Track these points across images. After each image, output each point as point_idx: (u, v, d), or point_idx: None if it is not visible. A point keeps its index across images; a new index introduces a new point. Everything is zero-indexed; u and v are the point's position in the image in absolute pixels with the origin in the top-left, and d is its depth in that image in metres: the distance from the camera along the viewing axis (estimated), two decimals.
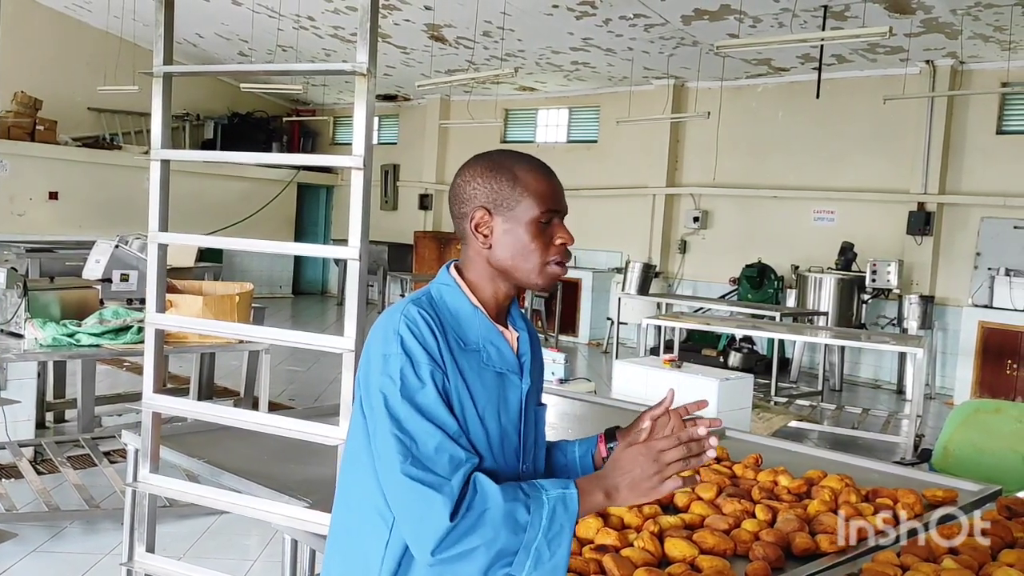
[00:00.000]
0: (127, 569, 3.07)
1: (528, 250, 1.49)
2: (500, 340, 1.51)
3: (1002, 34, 8.56)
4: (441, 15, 10.22)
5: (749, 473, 2.77)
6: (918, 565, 2.05)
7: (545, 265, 1.50)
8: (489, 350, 1.49)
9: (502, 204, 1.49)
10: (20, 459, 4.88)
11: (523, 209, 1.49)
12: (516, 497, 1.34)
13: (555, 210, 1.51)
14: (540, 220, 1.49)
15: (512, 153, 1.55)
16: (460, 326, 1.48)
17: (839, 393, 9.52)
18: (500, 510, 1.33)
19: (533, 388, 1.58)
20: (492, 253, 1.51)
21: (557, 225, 1.52)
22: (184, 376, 7.33)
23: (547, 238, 1.50)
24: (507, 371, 1.51)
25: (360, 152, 2.53)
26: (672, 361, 4.93)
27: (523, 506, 1.34)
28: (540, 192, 1.50)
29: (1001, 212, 9.48)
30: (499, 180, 1.50)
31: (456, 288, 1.52)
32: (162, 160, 2.84)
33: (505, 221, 1.50)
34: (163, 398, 2.95)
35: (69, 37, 13.47)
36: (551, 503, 1.34)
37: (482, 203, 1.50)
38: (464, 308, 1.50)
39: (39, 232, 11.67)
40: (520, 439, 1.52)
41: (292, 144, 16.33)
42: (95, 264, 5.80)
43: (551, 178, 1.53)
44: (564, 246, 1.52)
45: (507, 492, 1.35)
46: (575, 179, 12.75)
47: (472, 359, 1.47)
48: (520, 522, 1.33)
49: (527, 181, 1.50)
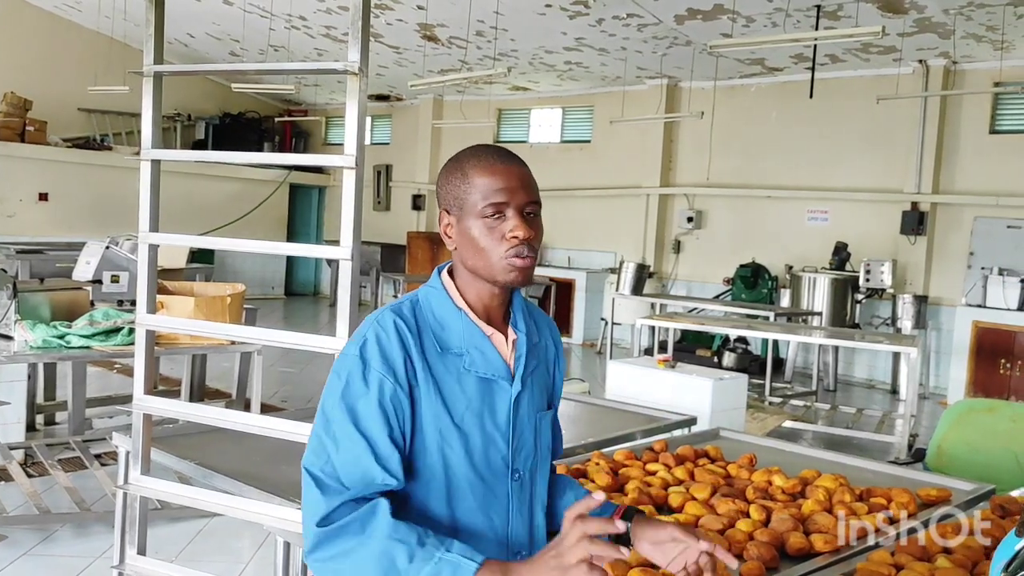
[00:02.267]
0: (118, 572, 3.05)
1: (479, 247, 1.43)
2: (485, 344, 1.46)
3: (995, 34, 8.58)
4: (434, 15, 10.20)
5: (743, 473, 2.76)
6: (912, 564, 2.04)
7: (501, 260, 1.42)
8: (472, 354, 1.44)
9: (455, 203, 1.45)
10: (10, 462, 4.85)
11: (471, 205, 1.43)
12: (405, 540, 1.27)
13: (501, 202, 1.41)
14: (485, 214, 1.41)
15: (475, 148, 1.48)
16: (443, 330, 1.45)
17: (833, 393, 9.53)
18: (379, 544, 1.27)
19: (529, 393, 1.51)
20: (460, 254, 1.47)
21: (509, 218, 1.42)
22: (175, 378, 7.30)
23: (499, 234, 1.42)
24: (494, 376, 1.45)
25: (352, 151, 2.51)
26: (666, 361, 4.92)
27: (407, 552, 1.25)
28: (484, 186, 1.42)
29: (994, 212, 9.50)
30: (453, 179, 1.46)
31: (441, 291, 1.49)
32: (152, 160, 2.82)
33: (460, 220, 1.45)
34: (154, 400, 2.93)
35: (59, 37, 13.40)
36: (439, 564, 1.24)
37: (445, 205, 1.48)
38: (447, 312, 1.46)
39: (29, 233, 11.62)
40: (509, 447, 1.46)
41: (284, 144, 16.28)
42: (85, 265, 5.77)
43: (500, 168, 1.43)
44: (516, 238, 1.41)
45: (398, 530, 1.28)
46: (568, 179, 12.75)
47: (452, 364, 1.43)
48: (396, 566, 1.25)
49: (473, 176, 1.43)
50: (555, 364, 1.63)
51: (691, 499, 2.46)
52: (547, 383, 1.59)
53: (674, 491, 2.53)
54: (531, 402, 1.51)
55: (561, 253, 13.09)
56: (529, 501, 1.51)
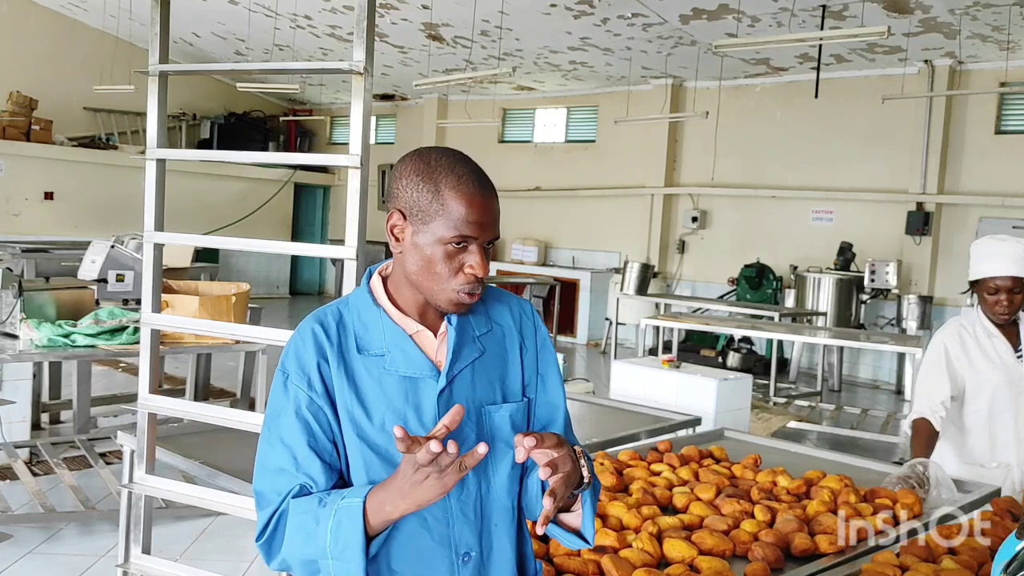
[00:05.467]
0: (123, 571, 3.05)
1: (431, 271, 1.39)
2: (406, 342, 1.43)
3: (1000, 34, 8.56)
4: (439, 14, 10.20)
5: (748, 474, 2.76)
6: (917, 565, 2.04)
7: (452, 291, 1.39)
8: (394, 353, 1.42)
9: (417, 214, 1.39)
10: (15, 460, 4.87)
11: (436, 226, 1.37)
12: (308, 509, 1.34)
13: (470, 236, 1.37)
14: (450, 243, 1.37)
15: (451, 160, 1.40)
16: (366, 331, 1.44)
17: (838, 393, 9.50)
18: (293, 525, 1.35)
19: (468, 387, 1.44)
20: (404, 260, 1.42)
21: (472, 252, 1.38)
22: (180, 377, 7.31)
23: (457, 264, 1.38)
24: (417, 374, 1.42)
25: (357, 151, 2.51)
26: (671, 361, 4.90)
27: (313, 518, 1.33)
28: (458, 214, 1.36)
29: (1000, 212, 9.48)
30: (421, 188, 1.38)
31: (364, 291, 1.48)
32: (158, 159, 2.83)
33: (416, 233, 1.39)
34: (159, 399, 2.94)
35: (65, 36, 13.43)
36: (337, 514, 1.31)
37: (401, 205, 1.41)
38: (370, 313, 1.45)
39: (35, 232, 11.63)
40: None
41: (289, 144, 16.30)
42: (91, 264, 5.77)
43: (477, 200, 1.37)
44: (474, 276, 1.38)
45: (300, 505, 1.35)
46: (573, 179, 12.75)
47: (373, 365, 1.42)
48: (310, 533, 1.33)
49: (448, 198, 1.37)
50: (522, 352, 1.53)
51: (696, 500, 2.45)
52: (503, 374, 1.50)
53: (678, 491, 2.53)
54: (470, 396, 1.44)
55: (565, 253, 13.08)
56: (478, 502, 1.45)
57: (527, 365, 1.54)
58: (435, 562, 1.42)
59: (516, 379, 1.52)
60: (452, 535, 1.43)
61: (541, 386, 1.56)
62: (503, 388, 1.50)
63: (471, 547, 1.44)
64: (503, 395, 1.49)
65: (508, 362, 1.52)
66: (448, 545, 1.43)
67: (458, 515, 1.43)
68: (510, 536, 1.50)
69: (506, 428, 1.48)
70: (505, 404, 1.49)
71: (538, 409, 1.56)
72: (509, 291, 1.63)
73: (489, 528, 1.47)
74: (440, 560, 1.42)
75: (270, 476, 1.40)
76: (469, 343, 1.47)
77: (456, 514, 1.43)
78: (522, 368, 1.53)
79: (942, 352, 2.97)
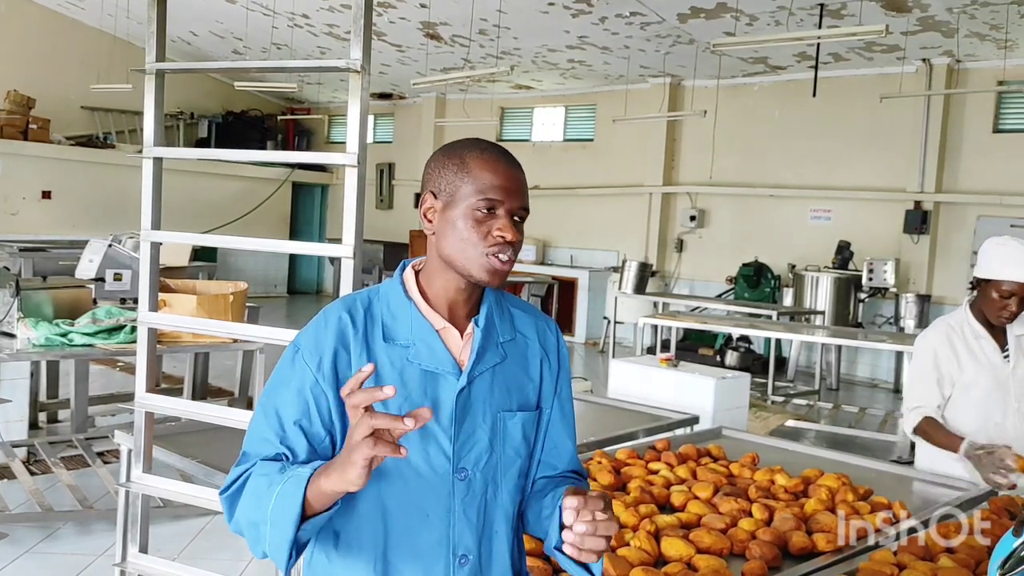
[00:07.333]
0: (120, 570, 3.05)
1: (463, 238, 1.40)
2: (432, 337, 1.44)
3: (998, 32, 8.56)
4: (436, 13, 10.20)
5: (746, 472, 2.76)
6: (915, 564, 2.04)
7: (482, 255, 1.40)
8: (419, 347, 1.43)
9: (445, 189, 1.42)
10: (13, 460, 4.86)
11: (463, 195, 1.41)
12: (268, 472, 1.34)
13: (497, 199, 1.40)
14: (478, 208, 1.39)
15: (475, 141, 1.46)
16: (394, 321, 1.44)
17: (836, 392, 9.51)
18: (251, 485, 1.35)
19: (487, 390, 1.45)
20: (437, 240, 1.44)
21: (499, 216, 1.41)
22: (178, 376, 7.30)
23: (486, 229, 1.40)
24: (439, 370, 1.42)
25: (354, 150, 2.51)
26: (669, 360, 4.91)
27: (267, 481, 1.33)
28: (483, 180, 1.40)
29: (997, 211, 9.48)
30: (448, 164, 1.43)
31: (396, 282, 1.49)
32: (155, 158, 2.82)
33: (447, 207, 1.42)
34: (156, 398, 2.93)
35: (62, 35, 13.41)
36: (287, 481, 1.29)
37: (432, 188, 1.45)
38: (399, 303, 1.46)
39: (32, 231, 11.63)
40: (452, 443, 1.42)
41: (287, 143, 16.29)
42: (88, 263, 5.77)
43: (502, 167, 1.42)
44: (503, 238, 1.40)
45: (262, 468, 1.36)
46: (571, 178, 12.75)
47: (397, 355, 1.42)
48: (261, 495, 1.32)
49: (472, 167, 1.41)
50: (542, 365, 1.55)
51: (693, 498, 2.45)
52: (521, 383, 1.51)
53: (676, 490, 2.53)
54: (488, 400, 1.45)
55: (564, 252, 13.08)
56: (483, 506, 1.45)
57: (546, 380, 1.56)
58: (432, 561, 1.42)
59: (533, 390, 1.54)
60: (452, 535, 1.43)
61: (558, 408, 1.58)
62: (519, 396, 1.51)
63: (469, 550, 1.44)
64: (518, 403, 1.51)
65: (527, 372, 1.53)
66: (447, 545, 1.43)
67: (461, 516, 1.43)
68: (508, 543, 1.50)
69: (518, 436, 1.49)
70: (519, 412, 1.50)
71: (551, 428, 1.57)
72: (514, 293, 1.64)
73: (490, 534, 1.47)
74: (437, 559, 1.42)
75: (255, 442, 1.41)
76: (493, 347, 1.48)
77: (459, 515, 1.43)
78: (540, 381, 1.55)
79: (930, 358, 2.95)
